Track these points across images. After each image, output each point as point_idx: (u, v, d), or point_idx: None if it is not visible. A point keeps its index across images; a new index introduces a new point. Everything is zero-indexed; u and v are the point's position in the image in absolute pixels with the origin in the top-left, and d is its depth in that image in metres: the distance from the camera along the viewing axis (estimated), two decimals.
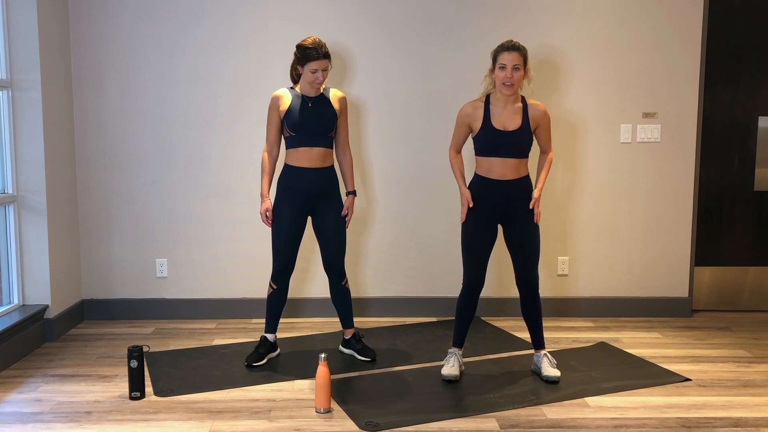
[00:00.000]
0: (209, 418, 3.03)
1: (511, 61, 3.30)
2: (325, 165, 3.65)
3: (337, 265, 3.71)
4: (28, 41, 3.96)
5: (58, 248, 4.20)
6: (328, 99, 3.64)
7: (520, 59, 3.31)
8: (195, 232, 4.54)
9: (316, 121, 3.57)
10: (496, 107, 3.39)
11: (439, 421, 3.00)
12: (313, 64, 3.49)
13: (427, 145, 4.52)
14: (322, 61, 3.50)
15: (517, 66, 3.30)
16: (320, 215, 3.68)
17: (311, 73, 3.50)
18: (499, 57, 3.34)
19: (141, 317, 4.57)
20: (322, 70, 3.51)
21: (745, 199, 4.71)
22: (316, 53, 3.48)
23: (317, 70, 3.49)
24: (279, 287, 3.69)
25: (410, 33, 4.44)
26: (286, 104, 3.60)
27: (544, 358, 3.49)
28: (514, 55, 3.30)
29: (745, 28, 4.57)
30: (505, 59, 3.31)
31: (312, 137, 3.58)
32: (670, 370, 3.61)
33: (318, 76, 3.51)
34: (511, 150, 3.35)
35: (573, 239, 4.61)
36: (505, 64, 3.31)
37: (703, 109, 4.57)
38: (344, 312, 3.80)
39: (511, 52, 3.31)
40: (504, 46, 3.35)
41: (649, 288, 4.66)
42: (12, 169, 4.02)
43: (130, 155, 4.48)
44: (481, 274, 3.44)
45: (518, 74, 3.31)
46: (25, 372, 3.61)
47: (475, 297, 3.46)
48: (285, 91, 3.64)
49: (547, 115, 3.46)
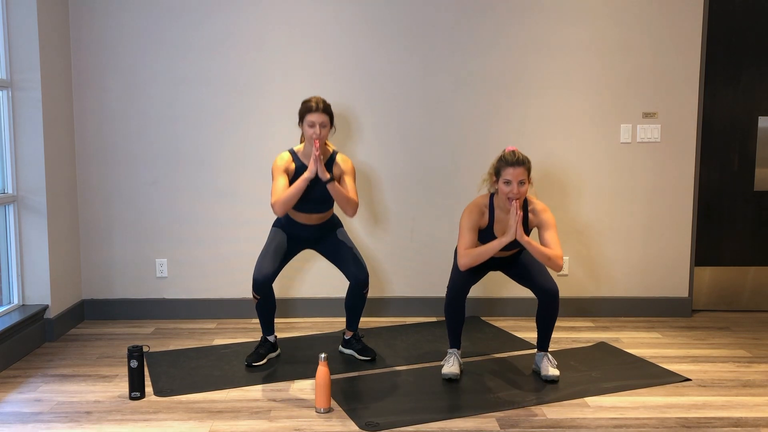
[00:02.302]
0: (209, 418, 3.03)
1: (516, 176, 3.23)
2: (325, 220, 3.71)
3: (362, 275, 3.64)
4: (28, 41, 3.96)
5: (58, 248, 4.20)
6: (332, 165, 3.61)
7: (525, 173, 3.25)
8: (195, 232, 4.54)
9: (316, 193, 3.57)
10: (500, 214, 3.38)
11: (439, 421, 3.00)
12: (311, 116, 3.48)
13: (427, 145, 4.52)
14: (321, 114, 3.48)
15: (522, 181, 3.24)
16: (324, 247, 3.74)
17: (309, 127, 3.49)
18: (503, 172, 3.26)
19: (141, 317, 4.58)
20: (320, 125, 3.47)
21: (745, 199, 4.71)
22: (315, 107, 3.49)
23: (315, 124, 3.47)
24: (262, 296, 3.60)
25: (410, 33, 4.44)
26: (291, 171, 3.58)
27: (545, 358, 3.50)
28: (519, 170, 3.23)
29: (745, 28, 4.57)
30: (510, 175, 3.24)
31: (311, 206, 3.61)
32: (670, 370, 3.61)
33: (316, 131, 3.47)
34: (508, 249, 3.46)
35: (573, 239, 4.61)
36: (510, 180, 3.24)
37: (703, 108, 4.57)
38: (354, 315, 3.78)
39: (516, 168, 3.23)
40: (509, 161, 3.26)
41: (649, 288, 4.66)
42: (12, 169, 4.02)
43: (130, 155, 4.48)
44: (466, 288, 3.44)
45: (523, 188, 3.26)
46: (25, 372, 3.61)
47: (460, 303, 3.44)
48: (288, 155, 3.60)
49: (548, 213, 3.36)
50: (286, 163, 3.57)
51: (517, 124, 4.49)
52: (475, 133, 4.50)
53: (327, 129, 3.53)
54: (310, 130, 3.49)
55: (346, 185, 3.56)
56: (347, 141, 4.50)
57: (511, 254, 3.54)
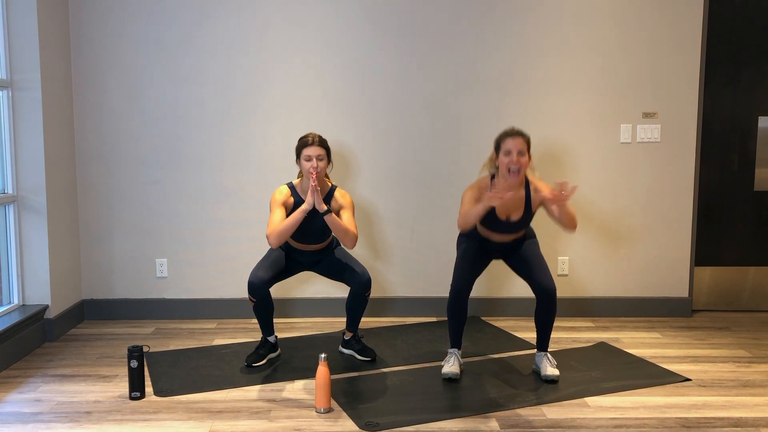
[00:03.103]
0: (209, 418, 3.03)
1: (516, 146, 3.30)
2: (323, 247, 3.73)
3: (364, 278, 3.64)
4: (28, 41, 3.96)
5: (58, 248, 4.20)
6: (330, 200, 3.63)
7: (524, 145, 3.32)
8: (195, 232, 4.54)
9: (315, 228, 3.60)
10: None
11: (439, 421, 3.00)
12: (307, 150, 3.52)
13: (427, 145, 4.52)
14: (317, 147, 3.52)
15: (522, 151, 3.30)
16: (322, 267, 3.76)
17: (306, 161, 3.52)
18: (503, 143, 3.34)
19: (141, 317, 4.58)
20: (317, 158, 3.50)
21: (745, 199, 4.71)
22: (311, 141, 3.53)
23: (311, 157, 3.50)
24: (258, 299, 3.59)
25: (411, 33, 4.44)
26: (289, 205, 3.59)
27: (545, 358, 3.50)
28: (518, 140, 3.31)
29: (745, 28, 4.58)
30: (510, 145, 3.31)
31: (308, 238, 3.64)
32: (670, 370, 3.61)
33: (313, 164, 3.49)
34: (511, 232, 3.48)
35: (573, 239, 4.61)
36: (510, 150, 3.30)
37: (703, 109, 4.57)
38: (354, 317, 3.78)
39: (515, 138, 3.31)
40: (508, 132, 3.36)
41: (649, 288, 4.66)
42: (12, 169, 4.02)
43: (130, 155, 4.49)
44: (469, 284, 3.45)
45: (524, 159, 3.31)
46: (25, 372, 3.61)
47: (464, 301, 3.46)
48: (287, 191, 3.61)
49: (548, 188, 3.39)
50: (285, 197, 3.59)
51: (517, 124, 4.49)
52: (475, 133, 4.50)
53: (324, 162, 3.56)
54: (307, 163, 3.53)
55: (345, 219, 3.56)
56: (347, 141, 4.50)
57: (513, 240, 3.53)
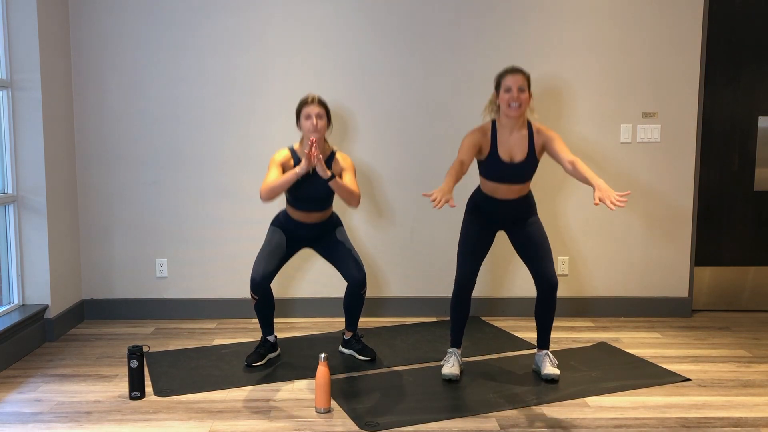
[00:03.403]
0: (209, 418, 3.03)
1: (515, 82, 3.29)
2: (324, 219, 3.69)
3: (360, 276, 3.63)
4: (28, 41, 3.96)
5: (58, 248, 4.20)
6: (332, 164, 3.61)
7: (524, 81, 3.31)
8: (195, 232, 4.54)
9: (315, 192, 3.56)
10: (503, 134, 3.37)
11: (439, 421, 3.00)
12: (307, 109, 3.51)
13: (427, 144, 4.52)
14: (316, 105, 3.51)
15: (522, 87, 3.30)
16: (323, 248, 3.72)
17: (306, 119, 3.51)
18: (503, 80, 3.33)
19: (141, 317, 4.58)
20: (317, 116, 3.49)
21: (745, 199, 4.71)
22: (311, 99, 3.52)
23: (311, 116, 3.49)
24: (260, 297, 3.60)
25: (410, 33, 4.44)
26: (289, 167, 3.57)
27: (546, 357, 3.50)
28: (518, 77, 3.30)
29: (745, 28, 4.57)
30: (510, 81, 3.30)
31: (310, 205, 3.61)
32: (670, 370, 3.61)
33: (313, 122, 3.48)
34: (515, 178, 3.38)
35: (573, 239, 4.61)
36: (510, 86, 3.30)
37: (703, 109, 4.57)
38: (353, 316, 3.78)
39: (515, 74, 3.31)
40: (507, 69, 3.36)
41: (649, 288, 4.66)
42: (12, 169, 4.02)
43: (130, 155, 4.48)
44: (472, 276, 3.44)
45: (524, 95, 3.30)
46: (25, 372, 3.61)
47: (467, 296, 3.46)
48: (287, 152, 3.61)
49: (553, 134, 3.37)
50: (283, 159, 3.58)
51: None
52: None
53: (324, 121, 3.53)
54: (307, 122, 3.51)
55: (347, 181, 3.56)
56: (347, 141, 4.50)
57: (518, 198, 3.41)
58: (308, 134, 3.52)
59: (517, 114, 3.31)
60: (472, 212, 3.48)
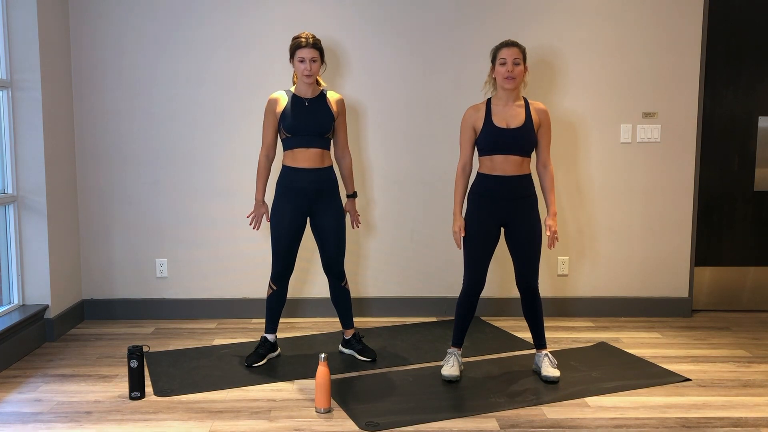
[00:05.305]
0: (209, 418, 3.03)
1: (511, 55, 3.33)
2: (323, 165, 3.63)
3: (336, 268, 3.70)
4: (28, 41, 3.96)
5: (58, 248, 4.20)
6: (325, 100, 3.63)
7: (519, 54, 3.36)
8: (195, 232, 4.54)
9: (312, 122, 3.56)
10: (498, 106, 3.41)
11: (439, 421, 3.00)
12: (300, 52, 3.50)
13: (427, 145, 4.52)
14: (310, 49, 3.50)
15: (517, 61, 3.34)
16: (319, 217, 3.66)
17: (300, 62, 3.51)
18: (498, 53, 3.38)
19: (141, 317, 4.57)
20: (311, 60, 3.50)
21: (745, 199, 4.71)
22: (305, 42, 3.50)
23: (305, 59, 3.49)
24: (279, 288, 3.68)
25: (410, 33, 4.44)
26: (282, 106, 3.59)
27: (545, 357, 3.49)
28: (513, 50, 3.35)
29: (745, 28, 4.57)
30: (505, 54, 3.35)
31: (308, 138, 3.57)
32: (670, 370, 3.61)
33: (306, 66, 3.49)
34: (513, 147, 3.35)
35: (573, 239, 4.61)
36: (505, 59, 3.34)
37: (703, 109, 4.57)
38: (344, 313, 3.80)
39: (510, 47, 3.36)
40: (503, 42, 3.41)
41: (649, 288, 4.66)
42: (12, 169, 4.02)
43: (130, 155, 4.48)
44: (481, 277, 3.44)
45: (519, 68, 3.35)
46: (25, 372, 3.61)
47: (475, 298, 3.46)
48: (281, 93, 3.64)
49: (549, 115, 3.46)
50: (276, 105, 3.60)
51: None
52: None
53: (318, 64, 3.54)
54: (301, 65, 3.51)
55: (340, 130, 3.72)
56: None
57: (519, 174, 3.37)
58: (301, 76, 3.54)
59: (512, 86, 3.35)
60: (471, 209, 3.46)
